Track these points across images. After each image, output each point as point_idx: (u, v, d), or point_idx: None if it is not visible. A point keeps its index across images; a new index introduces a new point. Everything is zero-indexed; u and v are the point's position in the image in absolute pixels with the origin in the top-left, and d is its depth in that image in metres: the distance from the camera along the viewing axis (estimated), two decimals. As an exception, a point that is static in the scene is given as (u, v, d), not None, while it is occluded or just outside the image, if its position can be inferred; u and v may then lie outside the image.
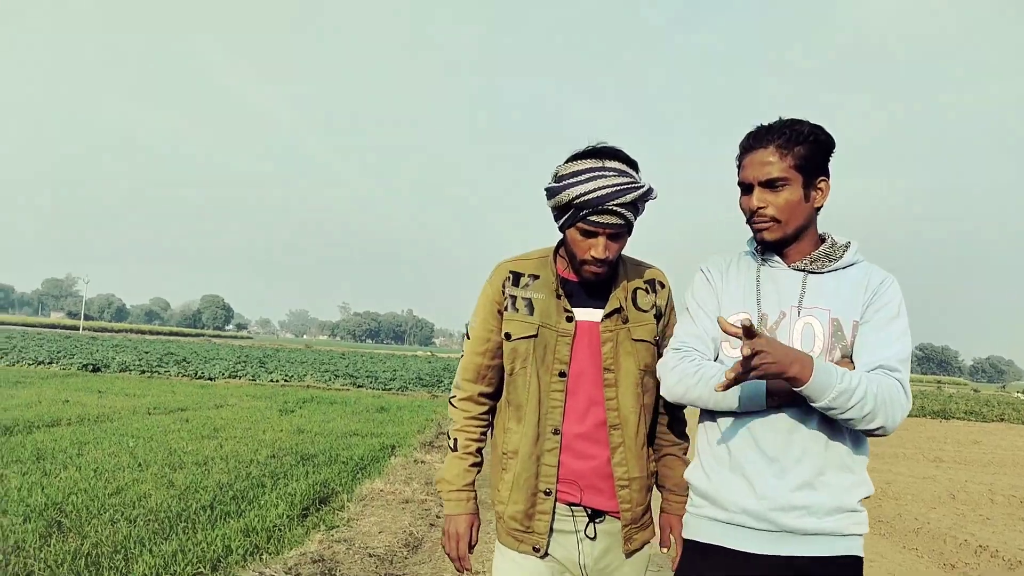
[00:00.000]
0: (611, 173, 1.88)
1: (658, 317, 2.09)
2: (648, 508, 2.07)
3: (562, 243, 2.06)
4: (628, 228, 1.95)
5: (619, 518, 1.99)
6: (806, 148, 1.77)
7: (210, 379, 22.02)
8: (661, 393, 1.90)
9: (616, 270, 2.07)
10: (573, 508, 1.99)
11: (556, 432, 1.97)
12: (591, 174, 1.88)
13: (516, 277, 2.05)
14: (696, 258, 2.05)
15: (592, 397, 1.99)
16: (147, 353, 33.37)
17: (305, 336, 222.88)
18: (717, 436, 1.84)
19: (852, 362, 1.76)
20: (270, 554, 4.82)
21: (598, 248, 1.92)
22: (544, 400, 1.98)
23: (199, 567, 4.48)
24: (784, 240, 1.84)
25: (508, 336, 2.02)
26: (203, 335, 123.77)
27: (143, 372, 22.44)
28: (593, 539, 1.98)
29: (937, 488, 10.41)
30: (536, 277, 2.04)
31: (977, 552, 6.70)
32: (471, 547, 2.09)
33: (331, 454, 8.98)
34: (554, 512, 1.98)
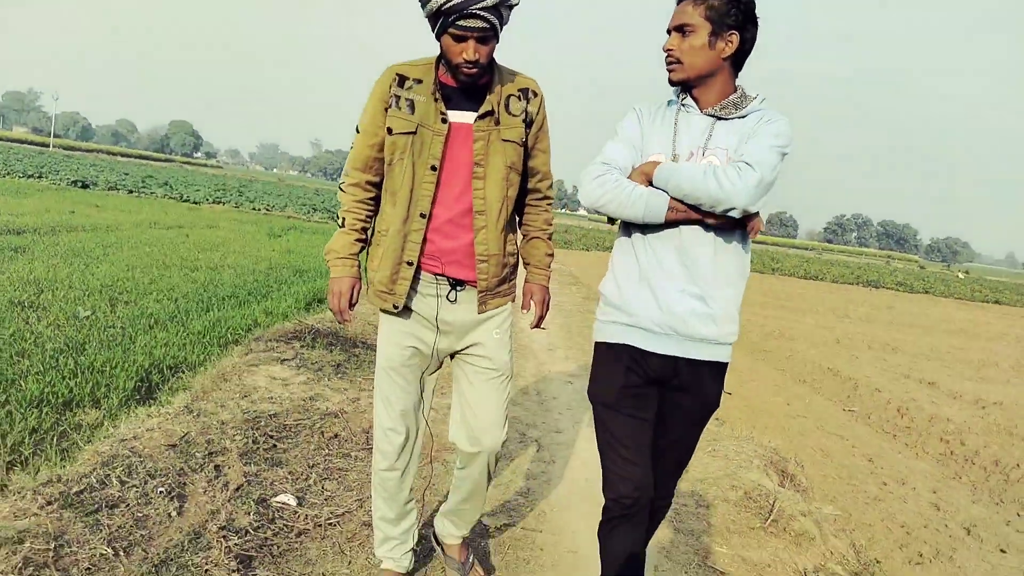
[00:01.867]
0: None
1: (529, 123, 2.33)
2: (505, 280, 2.38)
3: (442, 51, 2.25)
4: (494, 32, 2.13)
5: (476, 286, 2.32)
6: (719, 1, 1.98)
7: (195, 203, 23.22)
8: (580, 198, 2.13)
9: (492, 78, 2.27)
10: (437, 277, 2.30)
11: (423, 216, 2.24)
12: None
13: (402, 79, 2.24)
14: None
15: (463, 188, 2.27)
16: (127, 175, 34.16)
17: (275, 170, 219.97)
18: (630, 256, 2.12)
19: None
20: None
21: (468, 51, 2.11)
22: (416, 189, 2.24)
23: (237, 332, 6.07)
24: (689, 82, 2.07)
25: (390, 131, 2.23)
26: (173, 160, 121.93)
27: (130, 192, 23.53)
28: (453, 302, 2.32)
29: (827, 335, 12.36)
30: (420, 81, 2.23)
31: (828, 372, 8.66)
32: (352, 305, 2.36)
33: (319, 270, 10.54)
34: (417, 279, 2.29)
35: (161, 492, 2.46)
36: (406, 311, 2.32)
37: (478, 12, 2.03)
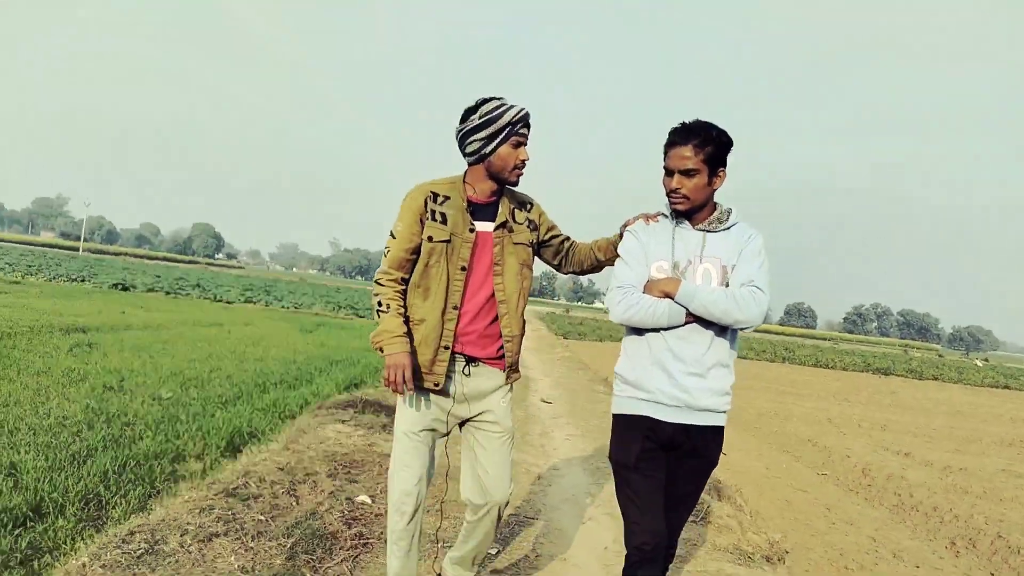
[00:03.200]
0: (513, 103, 2.69)
1: (534, 228, 2.87)
2: (518, 356, 2.86)
3: (468, 171, 2.76)
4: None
5: (489, 364, 2.77)
6: (714, 148, 2.48)
7: (228, 302, 24.76)
8: (611, 318, 2.57)
9: (501, 197, 2.78)
10: (456, 355, 2.73)
11: (455, 308, 2.68)
12: (506, 104, 2.67)
13: (434, 196, 2.69)
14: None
15: (484, 282, 2.73)
16: (159, 277, 36.07)
17: (295, 269, 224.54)
18: (642, 342, 2.57)
19: None
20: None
21: (524, 153, 2.69)
22: (449, 285, 2.67)
23: (293, 408, 7.26)
24: (690, 211, 2.56)
25: (430, 239, 2.66)
26: (196, 262, 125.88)
27: (167, 293, 25.13)
28: (468, 375, 2.75)
29: (821, 416, 13.30)
30: (448, 198, 2.70)
31: (808, 443, 9.66)
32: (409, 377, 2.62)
33: (353, 360, 11.77)
34: (451, 361, 2.71)
35: (282, 491, 3.64)
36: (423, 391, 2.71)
37: (530, 121, 2.68)
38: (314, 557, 3.12)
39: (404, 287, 2.72)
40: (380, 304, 2.67)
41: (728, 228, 2.57)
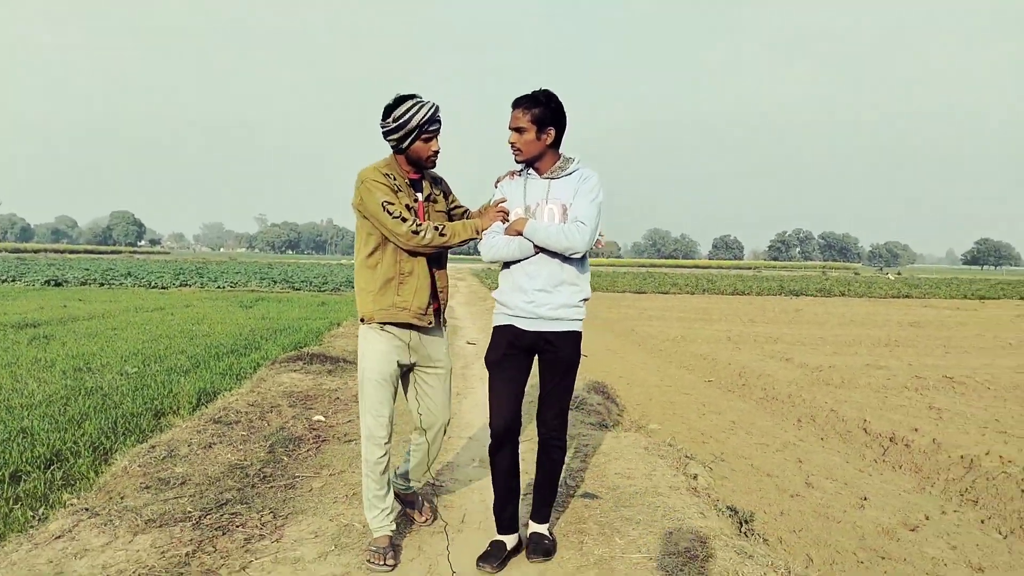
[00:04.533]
0: (423, 100, 3.15)
1: (447, 195, 3.47)
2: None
3: (397, 156, 3.26)
4: (440, 129, 3.22)
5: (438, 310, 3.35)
6: (540, 111, 3.05)
7: (164, 288, 25.19)
8: (482, 258, 3.22)
9: (422, 176, 3.33)
10: None
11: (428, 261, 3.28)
12: (417, 104, 3.13)
13: (386, 177, 3.16)
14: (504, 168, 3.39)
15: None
16: (87, 270, 35.87)
17: (222, 249, 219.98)
18: (508, 273, 3.22)
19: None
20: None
21: (436, 144, 3.22)
22: None
23: (246, 371, 8.30)
24: (528, 161, 3.16)
25: (407, 207, 3.16)
26: (119, 251, 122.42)
27: (101, 284, 25.43)
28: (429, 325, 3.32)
29: (724, 336, 14.88)
30: (394, 177, 3.19)
31: (699, 357, 11.17)
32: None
33: (295, 327, 12.78)
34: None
35: (255, 417, 4.81)
36: (391, 335, 3.21)
37: (439, 118, 3.17)
38: (288, 450, 4.35)
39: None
40: (440, 231, 3.17)
41: (570, 174, 3.15)
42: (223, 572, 2.85)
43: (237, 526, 3.30)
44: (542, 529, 3.33)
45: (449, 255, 3.47)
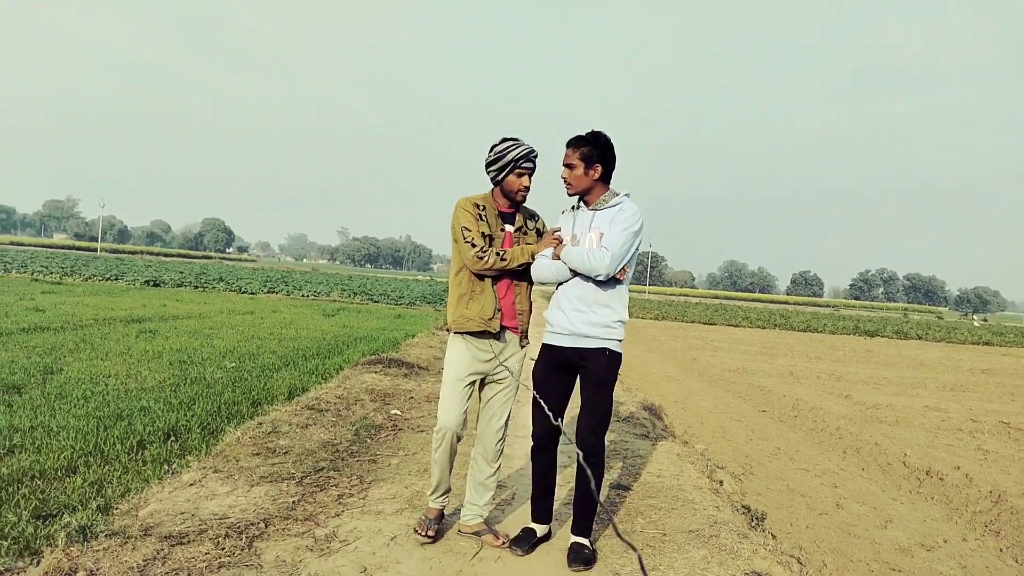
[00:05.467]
0: (522, 143, 3.59)
1: (539, 234, 3.82)
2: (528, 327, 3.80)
3: (494, 190, 3.68)
4: (534, 170, 3.63)
5: (512, 331, 3.70)
6: (588, 149, 3.44)
7: (252, 294, 26.69)
8: (531, 274, 3.64)
9: (517, 210, 3.73)
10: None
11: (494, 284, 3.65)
12: (515, 144, 3.57)
13: (477, 206, 3.62)
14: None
15: (509, 271, 3.62)
16: (181, 272, 38.08)
17: (305, 260, 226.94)
18: (555, 294, 3.62)
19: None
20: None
21: (527, 180, 3.61)
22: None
23: (330, 372, 9.11)
24: (579, 194, 3.55)
25: (483, 234, 3.56)
26: (209, 257, 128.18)
27: (195, 287, 27.08)
28: (501, 339, 3.69)
29: (786, 371, 15.07)
30: (485, 207, 3.63)
31: (756, 389, 11.49)
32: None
33: (373, 337, 13.64)
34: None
35: (342, 408, 5.56)
36: (469, 343, 3.61)
37: (533, 159, 3.60)
38: (370, 434, 5.09)
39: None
40: (501, 256, 3.54)
41: (612, 206, 3.48)
42: (321, 517, 3.57)
43: (332, 486, 4.03)
44: (583, 540, 3.53)
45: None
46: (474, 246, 3.51)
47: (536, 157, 3.63)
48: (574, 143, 3.48)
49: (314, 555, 3.20)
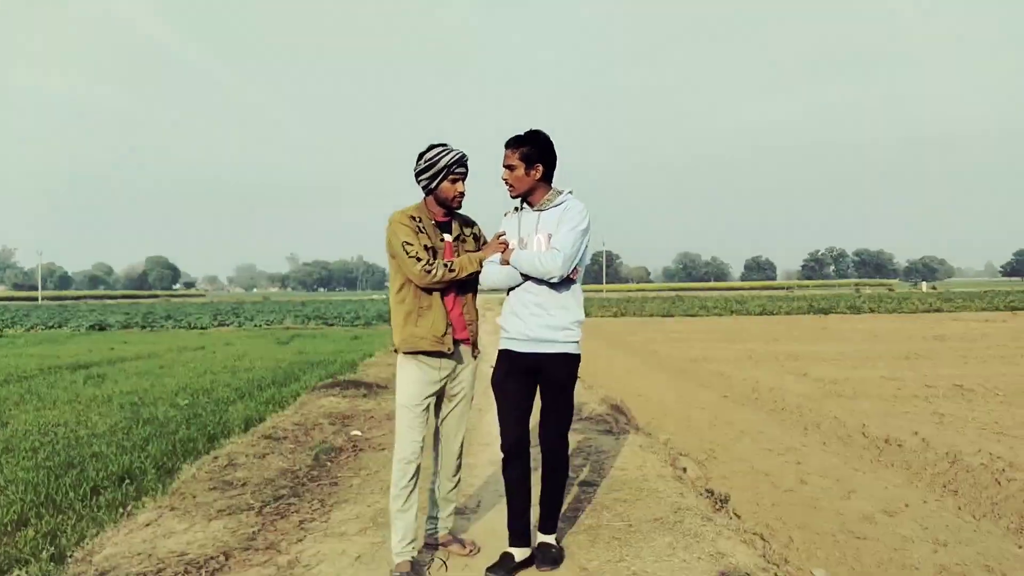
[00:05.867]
0: (452, 148, 3.50)
1: (476, 239, 3.71)
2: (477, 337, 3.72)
3: (427, 199, 3.57)
4: (467, 174, 3.52)
5: (465, 344, 3.61)
6: (527, 149, 3.36)
7: (203, 328, 26.18)
8: (480, 282, 3.53)
9: (452, 218, 3.62)
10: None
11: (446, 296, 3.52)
12: (444, 149, 3.47)
13: (414, 218, 3.48)
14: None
15: (453, 281, 3.48)
16: (127, 314, 37.20)
17: (255, 289, 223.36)
18: (507, 299, 3.49)
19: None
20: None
21: (461, 186, 3.51)
22: None
23: (287, 400, 8.96)
24: (521, 195, 3.47)
25: (425, 247, 3.43)
26: (156, 295, 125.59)
27: (143, 327, 26.47)
28: (452, 355, 3.54)
29: (744, 355, 15.26)
30: (421, 219, 3.50)
31: (717, 375, 11.62)
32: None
33: (330, 360, 13.47)
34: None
35: (300, 433, 5.45)
36: (422, 363, 3.46)
37: (465, 163, 3.49)
38: (330, 457, 5.02)
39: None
40: (449, 267, 3.43)
41: (557, 205, 3.42)
42: (283, 544, 3.50)
43: (292, 512, 3.95)
44: (549, 539, 3.49)
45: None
46: (419, 260, 3.38)
47: (467, 161, 3.55)
48: (513, 143, 3.41)
49: (277, 584, 3.12)
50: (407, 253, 3.38)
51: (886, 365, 12.91)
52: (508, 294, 3.52)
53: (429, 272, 3.37)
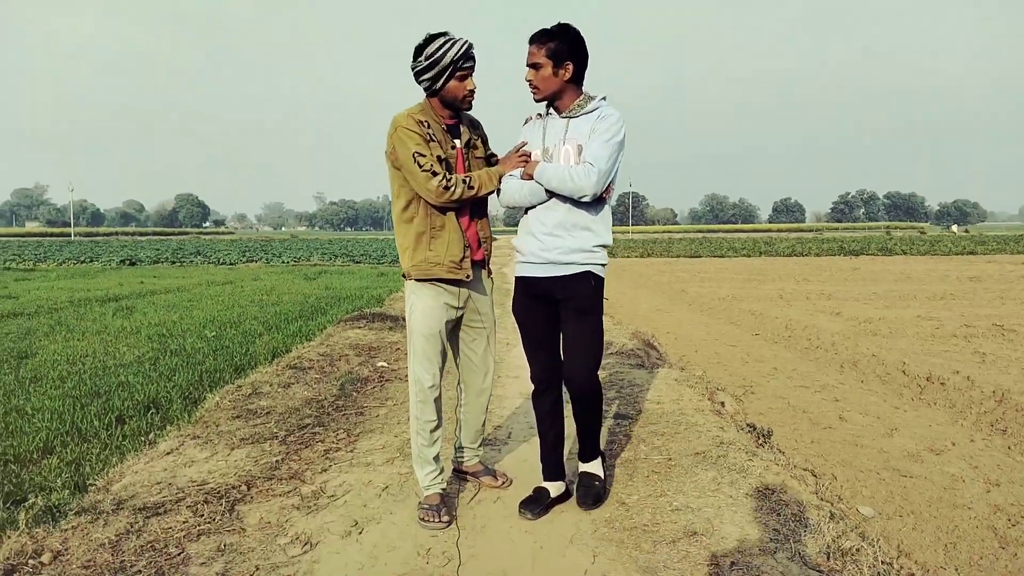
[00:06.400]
0: (455, 37, 3.00)
1: (485, 141, 3.31)
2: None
3: (432, 100, 3.09)
4: (474, 67, 3.06)
5: (479, 265, 3.22)
6: (556, 44, 2.89)
7: (231, 264, 26.29)
8: (498, 201, 3.12)
9: (459, 120, 3.17)
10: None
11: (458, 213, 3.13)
12: (449, 41, 2.97)
13: (421, 122, 3.00)
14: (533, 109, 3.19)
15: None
16: (157, 250, 37.51)
17: (283, 228, 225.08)
18: (524, 219, 3.11)
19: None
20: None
21: (471, 82, 3.05)
22: None
23: (313, 332, 8.90)
24: (548, 99, 3.01)
25: (439, 159, 2.98)
26: (186, 233, 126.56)
27: (172, 263, 26.63)
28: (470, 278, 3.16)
29: (774, 294, 15.00)
30: (429, 123, 3.03)
31: (747, 313, 11.39)
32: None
33: (357, 295, 13.41)
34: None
35: (326, 364, 5.35)
36: (437, 289, 3.09)
37: (472, 54, 3.02)
38: (355, 388, 4.89)
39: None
40: (468, 183, 3.02)
41: (590, 112, 2.97)
42: (308, 474, 3.38)
43: (317, 441, 3.83)
44: (591, 468, 3.23)
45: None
46: (434, 175, 2.93)
47: (475, 51, 3.06)
48: (539, 38, 2.94)
49: (301, 513, 3.01)
50: (420, 166, 2.93)
51: (921, 305, 12.61)
52: (526, 212, 3.13)
53: (448, 189, 2.95)
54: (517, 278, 3.17)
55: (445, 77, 2.98)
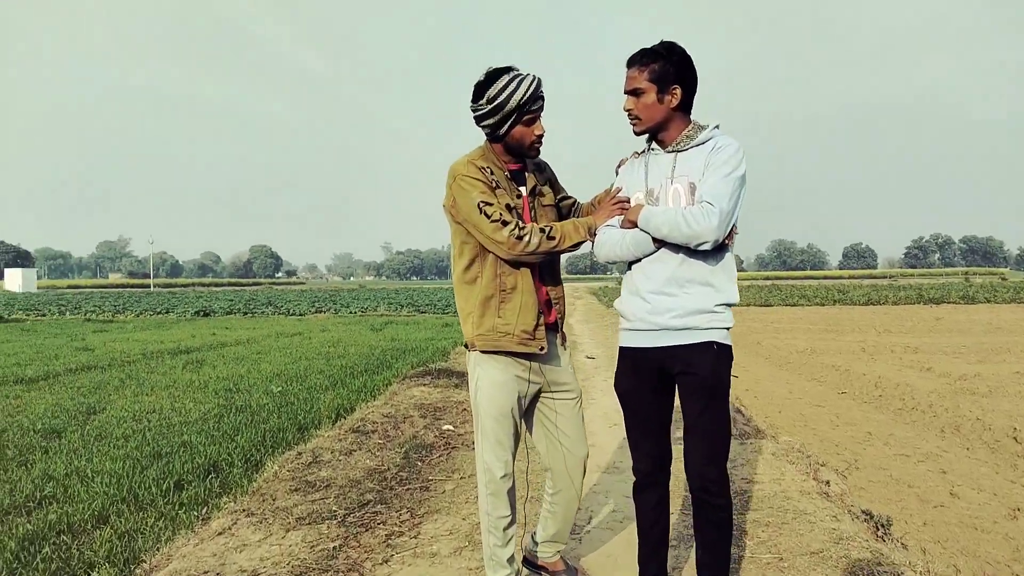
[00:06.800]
0: (522, 74, 2.61)
1: (553, 185, 2.91)
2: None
3: (494, 145, 2.73)
4: (543, 107, 2.67)
5: (551, 330, 2.78)
6: (660, 65, 2.44)
7: (300, 315, 26.62)
8: (595, 255, 2.63)
9: (524, 165, 2.79)
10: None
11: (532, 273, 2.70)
12: (515, 80, 2.58)
13: (482, 171, 2.63)
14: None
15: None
16: (231, 301, 38.42)
17: (352, 278, 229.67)
18: (628, 275, 2.59)
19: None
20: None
21: (539, 127, 2.66)
22: None
23: (378, 388, 8.72)
24: (651, 131, 2.55)
25: (508, 207, 2.62)
26: (259, 283, 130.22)
27: (244, 314, 27.12)
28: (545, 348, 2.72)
29: (857, 347, 14.27)
30: (492, 171, 2.66)
31: (830, 368, 10.76)
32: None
33: (422, 348, 13.26)
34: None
35: (390, 427, 5.11)
36: (507, 361, 2.69)
37: (541, 94, 2.63)
38: (421, 456, 4.61)
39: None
40: (548, 233, 2.61)
41: (701, 144, 2.50)
42: (367, 565, 3.08)
43: (378, 523, 3.54)
44: None
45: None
46: (505, 224, 2.52)
47: (543, 89, 2.66)
48: (639, 60, 2.49)
49: (359, 616, 2.71)
50: (487, 216, 2.53)
51: (1017, 360, 11.80)
52: (630, 268, 2.61)
53: (521, 239, 2.52)
54: (621, 348, 2.66)
55: (511, 123, 2.61)
